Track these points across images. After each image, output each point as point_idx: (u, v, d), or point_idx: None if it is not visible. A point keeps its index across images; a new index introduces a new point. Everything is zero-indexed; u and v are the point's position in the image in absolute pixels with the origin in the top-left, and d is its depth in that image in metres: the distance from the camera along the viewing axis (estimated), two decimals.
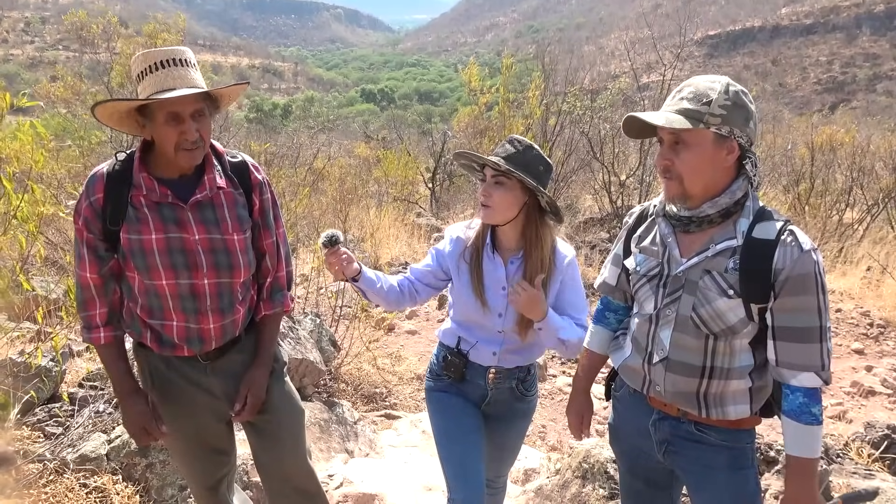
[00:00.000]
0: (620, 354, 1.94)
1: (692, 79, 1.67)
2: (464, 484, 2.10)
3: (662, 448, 1.83)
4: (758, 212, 1.66)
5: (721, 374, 1.69)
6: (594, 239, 9.30)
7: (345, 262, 2.02)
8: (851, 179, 11.66)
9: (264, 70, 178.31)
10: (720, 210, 1.65)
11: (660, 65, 11.37)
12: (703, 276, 1.67)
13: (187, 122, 1.76)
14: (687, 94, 1.63)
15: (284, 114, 55.28)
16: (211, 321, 1.92)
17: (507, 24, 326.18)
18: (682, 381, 1.73)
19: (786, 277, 1.56)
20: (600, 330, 2.08)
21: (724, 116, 1.58)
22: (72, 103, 11.73)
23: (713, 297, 1.64)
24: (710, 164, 1.62)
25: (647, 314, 1.79)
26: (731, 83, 1.63)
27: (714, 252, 1.66)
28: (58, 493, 2.69)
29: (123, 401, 1.96)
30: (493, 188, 2.07)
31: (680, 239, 1.74)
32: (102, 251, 1.87)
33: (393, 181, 13.68)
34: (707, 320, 1.66)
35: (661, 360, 1.75)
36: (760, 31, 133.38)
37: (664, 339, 1.74)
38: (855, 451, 3.47)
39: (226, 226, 1.91)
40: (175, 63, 1.76)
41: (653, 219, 1.85)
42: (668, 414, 1.80)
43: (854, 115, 30.31)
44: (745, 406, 1.71)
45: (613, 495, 2.92)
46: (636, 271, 1.83)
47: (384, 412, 4.55)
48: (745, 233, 1.64)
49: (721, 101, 1.58)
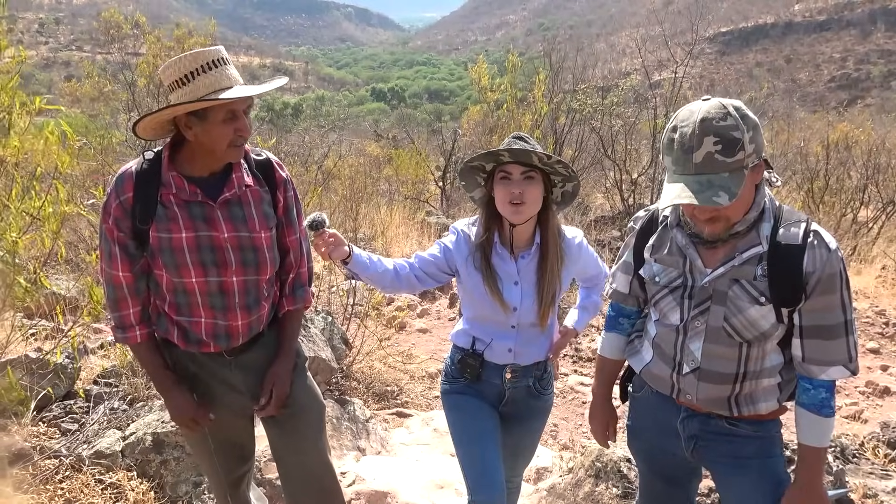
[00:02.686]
0: (639, 359, 1.92)
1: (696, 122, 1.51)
2: (485, 486, 2.10)
3: (691, 444, 1.83)
4: (776, 213, 1.64)
5: (753, 376, 1.70)
6: (605, 237, 9.26)
7: (332, 245, 2.00)
8: (866, 177, 11.55)
9: (275, 69, 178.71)
10: (749, 224, 1.62)
11: (671, 62, 11.30)
12: (732, 285, 1.64)
13: (242, 118, 1.83)
14: (713, 146, 1.50)
15: (295, 113, 55.41)
16: (239, 318, 1.95)
17: (517, 22, 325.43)
18: (714, 389, 1.72)
19: (817, 280, 1.56)
20: (615, 336, 2.05)
21: (755, 148, 1.53)
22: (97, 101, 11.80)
23: (744, 307, 1.63)
24: (749, 195, 1.60)
25: (672, 325, 1.77)
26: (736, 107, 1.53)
27: (741, 261, 1.63)
28: (73, 489, 2.72)
29: (167, 394, 1.99)
30: (523, 184, 2.03)
31: (701, 249, 1.70)
32: (133, 249, 1.89)
33: (403, 180, 13.68)
34: (740, 329, 1.64)
35: (692, 370, 1.74)
36: (773, 27, 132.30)
37: (695, 350, 1.72)
38: (871, 450, 3.44)
39: (253, 223, 1.94)
40: (223, 62, 1.81)
41: (664, 227, 1.80)
42: (696, 411, 1.80)
43: (869, 113, 30.02)
44: (774, 400, 1.73)
45: (627, 494, 2.91)
46: (655, 282, 1.80)
47: (396, 410, 4.55)
48: (769, 237, 1.61)
49: (748, 136, 1.51)
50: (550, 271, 2.10)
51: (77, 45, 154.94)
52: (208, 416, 2.00)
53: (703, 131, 1.50)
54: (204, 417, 1.99)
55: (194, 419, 1.99)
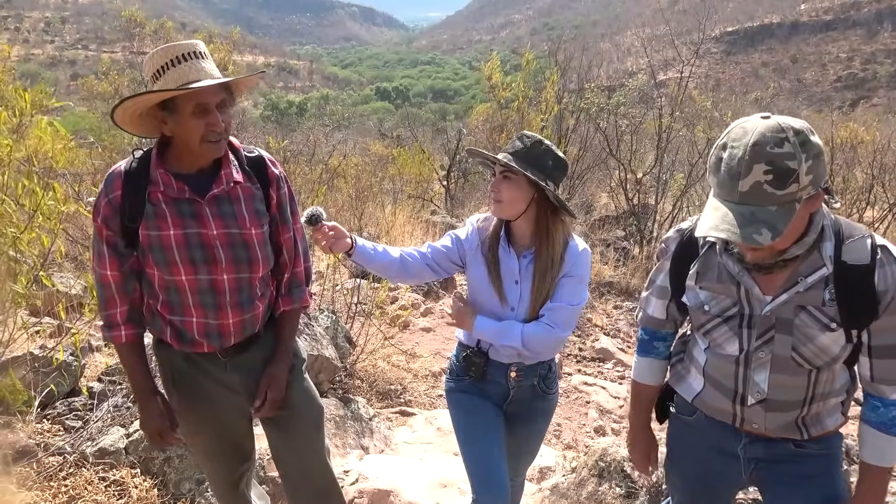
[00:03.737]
0: (687, 387, 1.82)
1: (748, 146, 1.35)
2: (489, 485, 2.09)
3: (751, 467, 1.74)
4: (836, 228, 1.53)
5: (822, 398, 1.62)
6: (610, 237, 9.25)
7: (332, 238, 1.98)
8: (872, 177, 11.50)
9: (280, 68, 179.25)
10: (808, 248, 1.50)
11: (676, 61, 11.26)
12: (798, 312, 1.53)
13: (214, 113, 1.78)
14: (763, 175, 1.34)
15: (300, 112, 55.52)
16: (230, 316, 1.93)
17: (522, 22, 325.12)
18: (783, 417, 1.64)
19: (891, 298, 1.47)
20: (651, 361, 1.94)
21: (813, 180, 1.36)
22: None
23: (814, 334, 1.52)
24: (801, 224, 1.47)
25: (730, 356, 1.65)
26: (799, 131, 1.35)
27: (806, 286, 1.51)
28: (77, 486, 2.72)
29: (141, 402, 1.97)
30: (501, 183, 2.09)
31: (756, 275, 1.57)
32: (122, 248, 1.87)
33: (408, 179, 13.68)
34: (811, 358, 1.54)
35: (758, 402, 1.64)
36: (779, 27, 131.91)
37: (760, 381, 1.61)
38: None
39: (243, 220, 1.91)
40: (195, 56, 1.78)
41: (708, 250, 1.67)
42: (761, 437, 1.70)
43: (875, 113, 29.90)
44: (839, 414, 1.67)
45: (630, 494, 2.90)
46: (705, 311, 1.67)
47: (399, 409, 4.55)
48: (833, 257, 1.50)
49: (806, 166, 1.34)
50: (541, 275, 2.09)
51: (83, 43, 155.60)
52: (174, 434, 1.97)
53: (754, 157, 1.34)
54: (169, 434, 1.97)
55: (160, 432, 1.96)
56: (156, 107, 1.80)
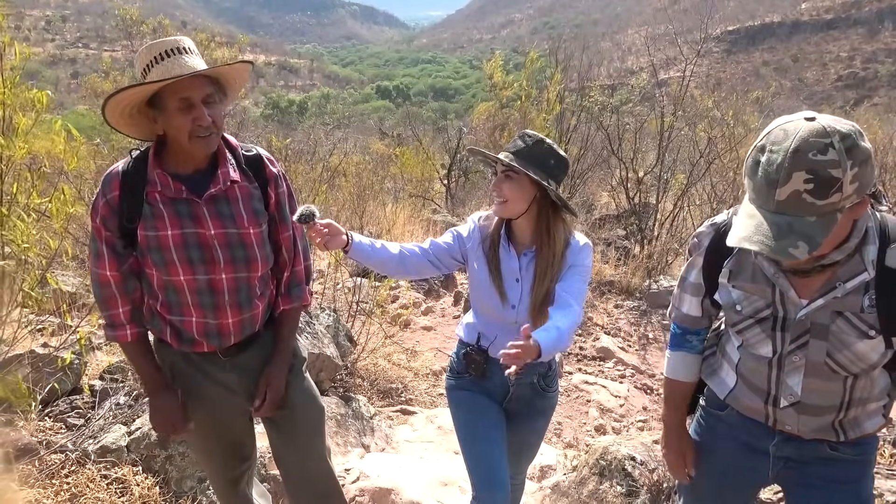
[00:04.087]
0: (720, 383, 1.76)
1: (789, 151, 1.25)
2: (489, 483, 2.10)
3: (780, 465, 1.69)
4: (882, 232, 1.43)
5: (860, 402, 1.55)
6: (610, 236, 9.25)
7: (327, 235, 1.96)
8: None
9: (280, 67, 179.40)
10: (849, 253, 1.41)
11: (678, 60, 11.26)
12: (835, 318, 1.45)
13: (199, 107, 1.76)
14: (803, 184, 1.23)
15: (300, 110, 55.53)
16: (229, 316, 1.92)
17: (522, 21, 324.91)
18: (817, 420, 1.58)
19: None
20: (685, 356, 1.84)
21: (858, 188, 1.26)
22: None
23: (851, 342, 1.44)
24: (843, 231, 1.38)
25: (763, 357, 1.59)
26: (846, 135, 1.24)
27: (844, 292, 1.43)
28: (79, 484, 2.72)
29: (154, 396, 1.97)
30: (502, 182, 2.08)
31: (793, 278, 1.49)
32: (121, 248, 1.87)
33: (408, 178, 13.67)
34: (847, 365, 1.47)
35: (791, 404, 1.58)
36: (780, 26, 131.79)
37: (794, 385, 1.55)
38: (878, 451, 3.42)
39: (241, 220, 1.90)
40: (178, 51, 1.77)
41: (740, 249, 1.56)
42: (795, 436, 1.64)
43: (876, 112, 29.84)
44: (879, 417, 1.60)
45: (631, 492, 2.91)
46: (737, 311, 1.60)
47: (400, 407, 4.56)
48: (876, 261, 1.41)
49: (851, 174, 1.23)
50: (542, 273, 2.09)
51: (83, 42, 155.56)
52: (186, 424, 1.98)
53: (795, 164, 1.23)
54: (182, 427, 1.97)
55: (173, 426, 1.96)
56: (146, 106, 1.80)
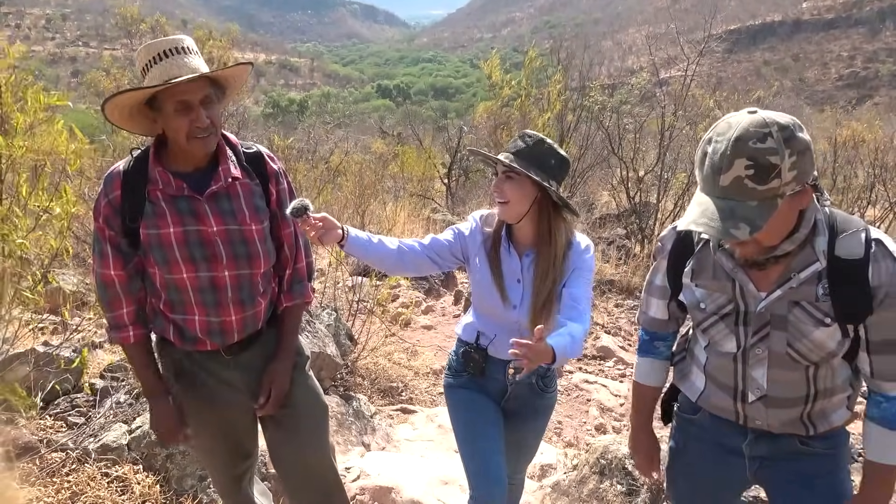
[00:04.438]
0: (690, 386, 1.81)
1: (731, 140, 1.34)
2: (486, 481, 2.10)
3: (755, 465, 1.73)
4: (831, 222, 1.50)
5: (825, 393, 1.60)
6: (611, 235, 9.25)
7: (321, 229, 1.91)
8: (873, 176, 11.49)
9: (281, 66, 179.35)
10: (800, 243, 1.48)
11: (679, 60, 11.26)
12: (792, 308, 1.52)
13: (197, 109, 1.75)
14: (744, 170, 1.33)
15: (301, 109, 55.50)
16: (232, 313, 1.92)
17: (523, 20, 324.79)
18: (785, 413, 1.63)
19: (885, 293, 1.44)
20: (653, 362, 1.92)
21: (797, 175, 1.35)
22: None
23: (809, 330, 1.50)
24: (788, 221, 1.45)
25: (728, 353, 1.65)
26: (784, 126, 1.34)
27: (799, 282, 1.50)
28: (80, 482, 2.73)
29: (152, 402, 1.98)
30: (503, 183, 2.06)
31: (751, 271, 1.56)
32: (125, 247, 1.87)
33: (409, 177, 13.68)
34: (806, 353, 1.53)
35: (758, 398, 1.63)
36: (781, 25, 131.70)
37: (759, 378, 1.61)
38: None
39: (243, 216, 1.90)
40: (177, 51, 1.76)
41: (702, 248, 1.65)
42: (766, 433, 1.69)
43: (877, 111, 29.82)
44: (845, 409, 1.64)
45: (631, 491, 2.91)
46: (701, 309, 1.66)
47: (400, 406, 4.56)
48: (827, 252, 1.48)
49: (789, 161, 1.32)
50: (543, 274, 2.08)
51: (84, 40, 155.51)
52: (186, 432, 1.99)
53: (736, 152, 1.33)
54: (181, 432, 1.98)
55: (172, 432, 1.97)
56: (145, 106, 1.80)
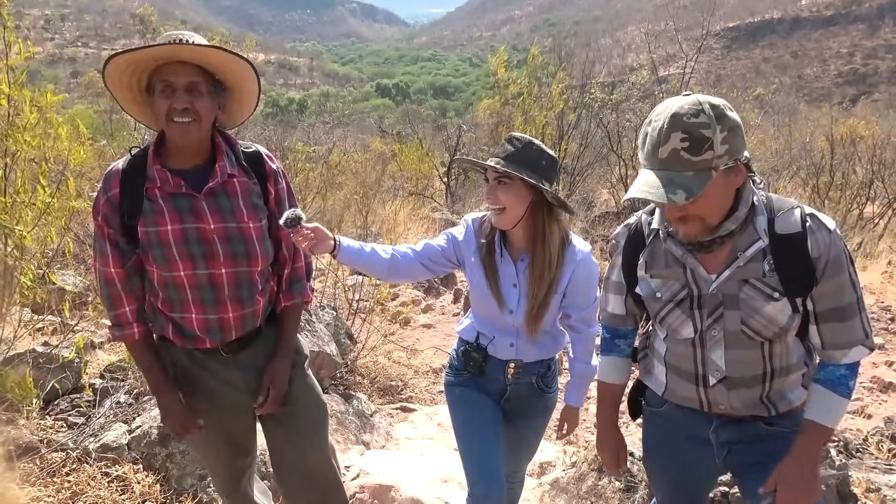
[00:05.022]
0: (654, 380, 1.86)
1: (667, 116, 1.46)
2: (484, 479, 2.10)
3: (724, 451, 1.78)
4: (768, 204, 1.61)
5: (781, 372, 1.66)
6: (610, 233, 9.26)
7: (313, 240, 1.92)
8: (872, 173, 11.50)
9: (280, 65, 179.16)
10: (741, 222, 1.58)
11: (678, 57, 11.27)
12: (742, 286, 1.60)
13: (178, 92, 1.78)
14: (679, 142, 1.45)
15: (300, 109, 55.50)
16: (230, 311, 1.93)
17: (522, 18, 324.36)
18: (746, 393, 1.68)
19: (825, 263, 1.53)
20: (615, 360, 1.96)
21: (728, 150, 1.47)
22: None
23: (760, 306, 1.58)
24: (725, 196, 1.55)
25: (686, 339, 1.70)
26: (715, 105, 1.47)
27: (745, 260, 1.59)
28: (80, 482, 2.74)
29: (160, 397, 1.98)
30: (496, 190, 2.05)
31: (700, 256, 1.64)
32: (124, 245, 1.89)
33: (408, 175, 13.69)
34: (760, 329, 1.60)
35: (719, 381, 1.68)
36: (780, 23, 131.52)
37: (717, 359, 1.67)
38: (875, 445, 3.44)
39: (241, 214, 1.92)
40: (179, 42, 1.78)
41: (654, 239, 1.74)
42: (731, 418, 1.74)
43: (875, 108, 29.81)
44: (802, 388, 1.70)
45: (629, 488, 2.92)
46: (657, 298, 1.73)
47: (400, 405, 4.57)
48: (768, 230, 1.57)
49: (720, 136, 1.45)
50: (539, 277, 2.08)
51: (83, 41, 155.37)
52: (197, 423, 1.99)
53: (672, 126, 1.45)
54: (193, 424, 1.99)
55: (183, 425, 1.98)
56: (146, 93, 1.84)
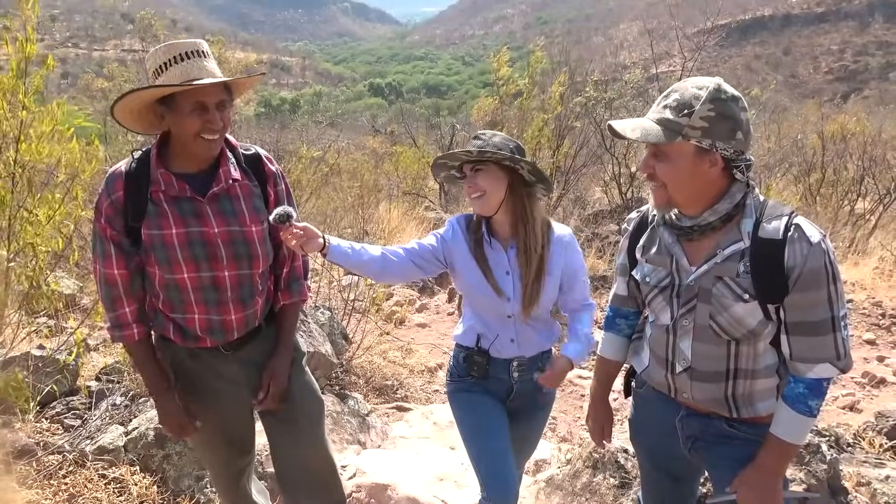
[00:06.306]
0: (639, 361, 1.92)
1: (682, 83, 1.59)
2: (499, 482, 2.12)
3: (689, 444, 1.82)
4: (760, 209, 1.62)
5: (746, 374, 1.67)
6: (604, 231, 9.29)
7: (302, 238, 1.91)
8: (863, 169, 11.57)
9: (272, 65, 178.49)
10: (721, 216, 1.61)
11: (670, 55, 11.29)
12: (716, 283, 1.63)
13: (212, 111, 1.81)
14: (671, 101, 1.56)
15: (292, 108, 55.32)
16: (233, 312, 1.96)
17: (515, 16, 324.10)
18: (708, 388, 1.71)
19: (798, 274, 1.52)
20: (613, 337, 2.04)
21: (704, 129, 1.52)
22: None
23: (729, 304, 1.60)
24: (691, 177, 1.58)
25: (663, 325, 1.76)
26: (722, 90, 1.54)
27: (723, 258, 1.62)
28: (77, 484, 2.75)
29: (158, 399, 2.00)
30: (474, 178, 2.12)
31: (686, 247, 1.70)
32: (127, 246, 1.90)
33: (403, 175, 13.68)
34: (727, 327, 1.62)
35: (684, 370, 1.73)
36: (771, 20, 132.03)
37: (685, 349, 1.72)
38: (867, 441, 3.48)
39: (243, 218, 1.95)
40: (197, 54, 1.81)
41: (653, 227, 1.80)
42: (696, 411, 1.78)
43: (866, 105, 29.97)
44: (773, 401, 1.68)
45: (624, 484, 2.95)
46: (646, 283, 1.79)
47: (395, 404, 4.58)
48: (751, 233, 1.59)
49: (704, 111, 1.51)
50: (528, 261, 2.13)
51: (73, 41, 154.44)
52: (195, 425, 2.02)
53: (677, 90, 1.57)
54: (191, 425, 2.01)
55: (181, 426, 2.00)
56: (155, 102, 1.83)
